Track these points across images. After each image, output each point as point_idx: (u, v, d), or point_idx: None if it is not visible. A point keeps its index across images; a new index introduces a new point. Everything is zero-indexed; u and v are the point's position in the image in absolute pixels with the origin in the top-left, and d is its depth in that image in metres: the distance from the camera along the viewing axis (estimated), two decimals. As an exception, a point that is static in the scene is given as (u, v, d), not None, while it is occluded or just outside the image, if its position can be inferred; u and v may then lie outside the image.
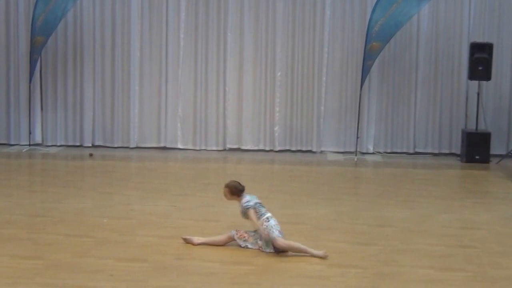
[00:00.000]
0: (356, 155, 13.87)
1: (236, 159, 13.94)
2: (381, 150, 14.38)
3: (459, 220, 9.28)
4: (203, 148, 14.58)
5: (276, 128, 14.45)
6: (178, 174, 12.42)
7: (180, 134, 14.59)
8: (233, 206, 8.42)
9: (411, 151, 14.39)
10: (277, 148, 14.45)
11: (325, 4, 14.17)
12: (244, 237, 7.85)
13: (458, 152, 14.06)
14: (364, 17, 13.97)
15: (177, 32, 14.46)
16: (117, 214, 9.21)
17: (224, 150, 14.55)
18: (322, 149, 14.44)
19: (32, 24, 13.91)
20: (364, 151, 14.30)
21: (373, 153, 14.28)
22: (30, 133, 14.49)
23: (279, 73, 14.37)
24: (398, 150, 14.39)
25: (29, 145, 14.47)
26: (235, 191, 8.00)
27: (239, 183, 8.08)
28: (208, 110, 14.56)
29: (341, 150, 14.40)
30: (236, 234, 7.87)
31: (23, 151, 14.24)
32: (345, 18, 14.23)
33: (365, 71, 13.64)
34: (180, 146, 14.58)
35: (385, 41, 13.45)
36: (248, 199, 7.92)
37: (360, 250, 7.82)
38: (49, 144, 14.62)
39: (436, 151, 14.36)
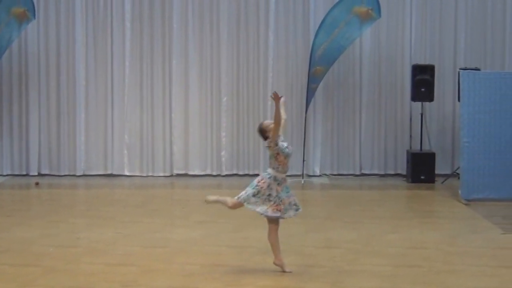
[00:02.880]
0: (303, 178, 13.97)
1: (184, 184, 13.94)
2: (328, 172, 14.52)
3: (406, 240, 9.38)
4: (150, 174, 14.56)
5: (223, 153, 14.51)
6: (125, 201, 12.37)
7: (127, 160, 14.54)
8: (181, 232, 8.40)
9: (358, 172, 14.55)
10: (225, 173, 14.50)
11: (268, 29, 14.33)
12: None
13: (404, 172, 14.25)
14: (307, 41, 14.15)
15: (122, 58, 14.47)
16: (63, 242, 9.14)
17: (171, 175, 14.55)
18: (270, 172, 14.49)
19: (-23, 55, 13.82)
20: (311, 173, 14.42)
21: (319, 176, 14.41)
22: (-28, 164, 14.34)
23: (224, 98, 14.45)
24: (345, 172, 14.55)
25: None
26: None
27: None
28: (155, 136, 14.56)
29: (288, 173, 14.43)
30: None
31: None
32: (289, 43, 14.39)
33: (310, 94, 13.80)
34: (127, 173, 14.53)
35: (328, 64, 13.64)
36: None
37: (306, 271, 7.87)
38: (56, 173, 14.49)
39: (382, 172, 14.55)
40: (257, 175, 14.15)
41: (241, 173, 14.55)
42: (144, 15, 14.43)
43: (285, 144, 7.85)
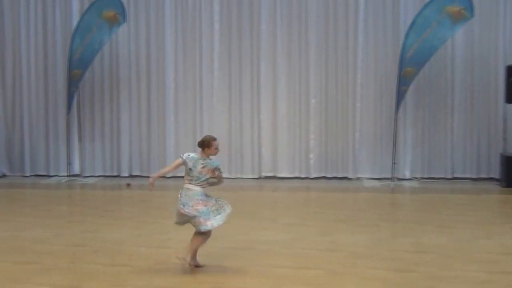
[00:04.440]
0: (392, 181, 13.80)
1: (272, 186, 13.93)
2: (418, 176, 14.30)
3: (499, 246, 9.13)
4: (238, 176, 14.62)
5: (311, 155, 14.45)
6: (214, 203, 12.41)
7: (216, 162, 14.60)
8: (269, 234, 8.39)
9: (449, 176, 14.28)
10: (313, 175, 14.44)
11: (358, 30, 14.18)
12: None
13: (498, 176, 13.92)
14: (397, 42, 13.95)
15: (211, 62, 14.57)
16: (154, 243, 9.24)
17: (260, 178, 14.57)
18: (358, 175, 14.39)
19: (69, 58, 14.12)
20: (401, 177, 14.22)
21: (410, 179, 14.20)
22: (68, 164, 14.65)
23: (313, 100, 14.39)
24: (436, 176, 14.30)
25: (68, 176, 14.63)
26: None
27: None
28: (243, 138, 14.61)
29: (377, 176, 14.33)
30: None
31: (62, 182, 14.41)
32: (378, 44, 14.23)
33: (400, 96, 13.60)
34: (215, 175, 14.59)
35: (419, 66, 13.41)
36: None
37: (398, 277, 7.73)
38: (87, 174, 14.77)
39: (475, 176, 14.25)
40: (346, 178, 14.23)
41: (329, 175, 14.47)
42: (232, 16, 14.50)
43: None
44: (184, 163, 7.78)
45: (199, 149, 7.90)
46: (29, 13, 14.96)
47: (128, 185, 13.86)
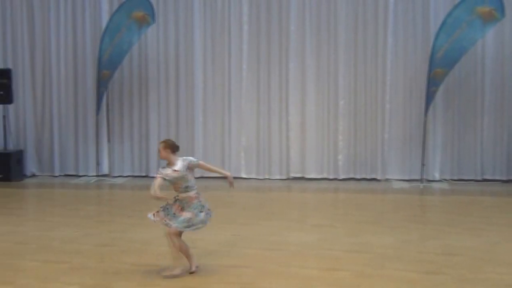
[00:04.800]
0: (422, 183, 13.72)
1: (300, 188, 13.90)
2: (448, 178, 14.18)
3: (530, 248, 9.07)
4: (266, 177, 14.62)
5: (339, 157, 14.40)
6: (242, 203, 12.43)
7: (244, 163, 14.65)
8: (298, 235, 8.39)
9: (479, 178, 14.16)
10: (341, 177, 14.39)
11: (387, 31, 14.11)
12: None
13: (528, 178, 13.81)
14: (427, 43, 13.86)
15: (240, 62, 14.57)
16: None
17: (288, 179, 14.55)
18: (387, 177, 14.32)
19: (98, 59, 14.20)
20: (430, 178, 14.12)
21: (439, 181, 14.09)
22: (97, 164, 14.74)
23: (342, 101, 14.34)
24: (466, 177, 14.18)
25: (97, 176, 14.72)
26: (174, 147, 8.13)
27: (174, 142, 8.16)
28: (271, 139, 14.60)
29: (407, 177, 14.25)
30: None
31: (91, 182, 14.50)
32: (408, 45, 14.14)
33: (430, 97, 13.51)
34: (244, 176, 14.63)
35: (449, 67, 13.30)
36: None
37: (427, 279, 7.69)
38: (116, 175, 14.84)
39: (505, 178, 14.10)
40: (375, 179, 14.17)
41: (358, 177, 14.41)
42: (261, 17, 14.49)
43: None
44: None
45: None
46: (59, 13, 15.06)
47: None
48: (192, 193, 7.91)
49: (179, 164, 7.86)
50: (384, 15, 14.12)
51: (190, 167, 7.90)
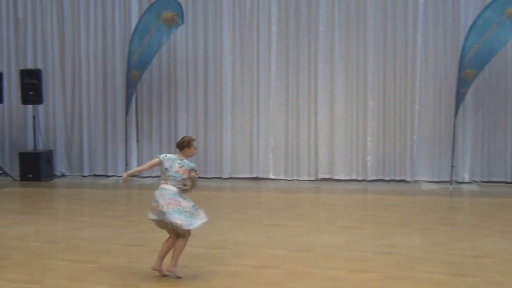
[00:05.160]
0: (451, 184, 13.63)
1: (328, 189, 13.87)
2: (477, 179, 14.07)
3: (561, 251, 8.98)
4: (295, 178, 14.60)
5: (368, 158, 14.35)
6: (270, 204, 12.43)
7: (272, 164, 14.65)
8: (326, 237, 8.36)
9: (509, 180, 14.04)
10: (370, 178, 14.33)
11: (417, 32, 14.02)
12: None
13: (558, 180, 13.66)
14: (457, 44, 13.77)
15: (268, 63, 14.57)
16: (211, 243, 9.26)
17: (316, 180, 14.53)
18: (416, 178, 14.24)
19: (128, 59, 14.26)
20: (460, 180, 14.01)
21: (469, 182, 13.99)
22: (126, 164, 14.80)
23: (371, 102, 14.28)
24: (495, 179, 14.07)
25: (126, 176, 14.76)
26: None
27: None
28: (300, 140, 14.58)
29: (436, 179, 14.16)
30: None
31: (120, 182, 14.54)
32: (438, 46, 14.05)
33: (459, 99, 13.43)
34: (272, 176, 14.63)
35: (479, 68, 13.21)
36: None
37: (456, 281, 7.64)
38: (145, 175, 14.88)
39: (535, 180, 13.99)
40: (404, 181, 14.10)
41: (386, 178, 14.35)
42: (290, 18, 14.48)
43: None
44: (160, 162, 7.73)
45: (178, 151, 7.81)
46: (89, 14, 15.17)
47: (184, 185, 13.87)
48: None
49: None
50: (414, 16, 14.04)
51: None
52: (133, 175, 7.69)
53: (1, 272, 8.02)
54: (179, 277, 7.67)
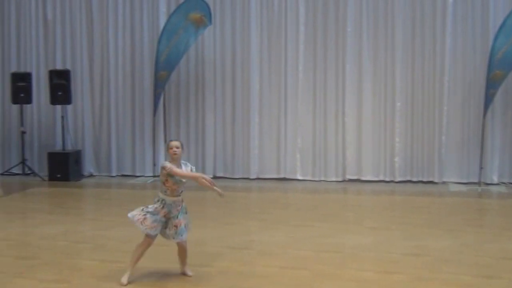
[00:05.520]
0: (479, 186, 13.53)
1: (356, 190, 13.83)
2: (506, 181, 13.96)
3: None
4: (322, 179, 14.58)
5: (396, 159, 14.29)
6: (297, 205, 12.42)
7: (299, 165, 14.64)
8: (353, 238, 8.32)
9: (538, 181, 13.93)
10: (398, 179, 14.27)
11: (445, 32, 13.94)
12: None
13: None
14: (486, 44, 13.67)
15: (296, 64, 14.56)
16: (237, 244, 9.27)
17: (344, 181, 14.49)
18: (444, 179, 14.16)
19: (156, 60, 14.32)
20: (488, 181, 13.92)
21: (497, 184, 13.88)
22: (154, 165, 14.86)
23: (399, 103, 14.22)
24: (525, 181, 13.97)
25: (154, 176, 14.84)
26: None
27: None
28: (327, 141, 14.55)
29: (464, 180, 14.07)
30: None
31: (148, 182, 14.62)
32: (466, 47, 13.96)
33: (488, 100, 13.33)
34: (299, 177, 14.63)
35: (508, 69, 13.11)
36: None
37: (484, 283, 7.57)
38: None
39: None
40: (432, 182, 14.02)
41: (414, 179, 14.28)
42: (318, 19, 14.46)
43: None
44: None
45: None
46: (117, 15, 15.26)
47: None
48: (181, 197, 7.77)
49: (184, 168, 7.75)
50: (442, 16, 13.96)
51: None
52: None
53: (30, 272, 8.08)
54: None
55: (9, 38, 15.90)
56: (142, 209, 7.63)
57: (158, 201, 7.63)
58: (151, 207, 7.58)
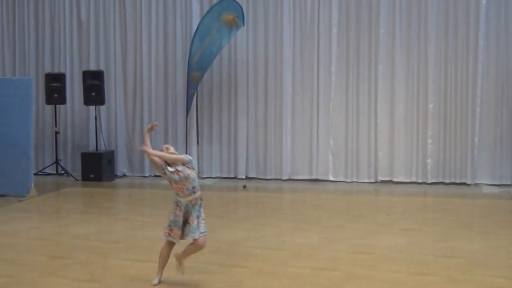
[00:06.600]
0: (514, 188, 13.45)
1: (388, 191, 13.80)
2: (541, 182, 13.85)
3: None
4: (354, 180, 14.55)
5: (428, 160, 14.22)
6: (330, 206, 12.42)
7: (332, 166, 14.62)
8: (386, 239, 8.32)
9: None
10: (430, 181, 14.20)
11: (479, 33, 13.84)
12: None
13: None
14: (520, 45, 13.58)
15: (329, 65, 14.55)
16: (270, 245, 9.30)
17: (376, 182, 14.45)
18: (477, 181, 14.06)
19: (188, 61, 14.38)
20: (521, 183, 13.82)
21: (531, 186, 13.78)
22: (186, 165, 14.89)
23: (431, 105, 14.15)
24: (560, 182, 13.83)
25: (186, 177, 14.87)
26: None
27: None
28: (360, 142, 14.52)
29: (497, 182, 13.96)
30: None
31: (180, 183, 14.66)
32: (500, 48, 13.84)
33: (522, 100, 13.24)
34: (331, 178, 14.61)
35: (542, 70, 13.00)
36: None
37: (520, 285, 7.55)
38: (205, 176, 15.00)
39: None
40: (464, 184, 13.93)
41: (447, 181, 14.19)
42: (351, 20, 14.43)
43: (171, 169, 7.55)
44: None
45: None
46: (151, 16, 15.36)
47: (244, 186, 13.98)
48: (198, 194, 7.59)
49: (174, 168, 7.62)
50: (476, 17, 13.86)
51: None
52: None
53: (63, 271, 8.18)
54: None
55: (43, 39, 16.08)
56: (168, 225, 7.55)
57: (175, 203, 7.59)
58: (172, 217, 7.53)
